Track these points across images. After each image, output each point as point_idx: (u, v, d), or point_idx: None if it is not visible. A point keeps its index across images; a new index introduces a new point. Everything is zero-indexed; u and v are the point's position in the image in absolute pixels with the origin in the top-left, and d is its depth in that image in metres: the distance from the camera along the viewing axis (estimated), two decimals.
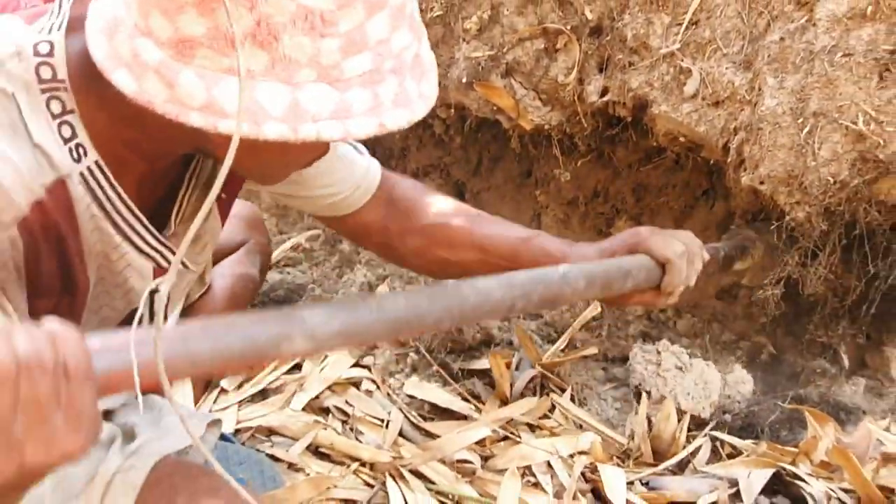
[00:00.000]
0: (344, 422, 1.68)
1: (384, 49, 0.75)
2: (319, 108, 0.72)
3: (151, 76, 0.72)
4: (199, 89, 0.71)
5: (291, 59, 0.71)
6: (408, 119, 0.78)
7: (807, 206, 1.40)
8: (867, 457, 1.31)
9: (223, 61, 0.71)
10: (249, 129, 0.71)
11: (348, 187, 1.22)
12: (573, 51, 1.81)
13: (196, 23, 0.70)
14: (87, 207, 0.84)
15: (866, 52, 1.35)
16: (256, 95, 0.71)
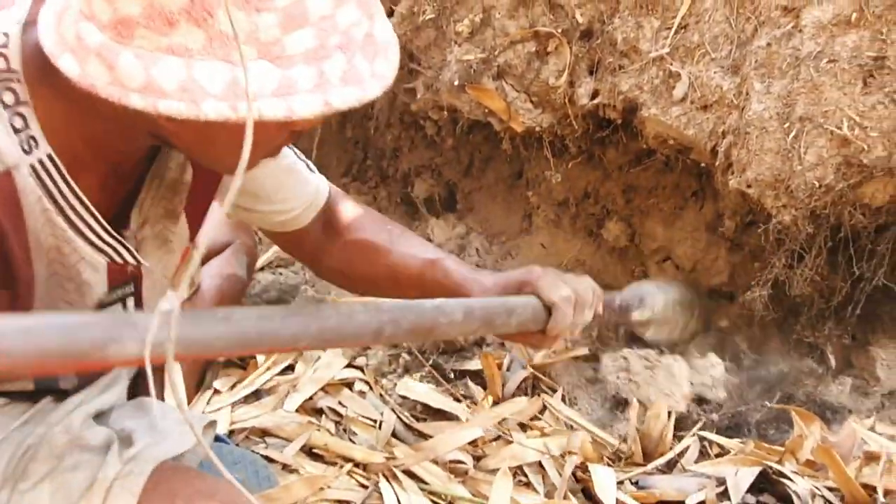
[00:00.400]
0: (337, 422, 1.70)
1: (328, 25, 0.74)
2: (260, 85, 0.71)
3: (93, 59, 0.72)
4: (138, 70, 0.71)
5: (228, 35, 0.70)
6: (357, 97, 0.76)
7: (793, 209, 1.43)
8: (851, 455, 1.33)
9: (161, 40, 0.70)
10: (188, 108, 0.70)
11: (301, 204, 1.22)
12: (564, 54, 1.83)
13: (132, 2, 0.70)
14: (37, 200, 0.83)
15: (851, 58, 1.37)
16: (194, 74, 0.70)
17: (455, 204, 2.40)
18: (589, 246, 2.13)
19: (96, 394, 1.13)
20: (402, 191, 2.48)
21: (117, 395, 1.19)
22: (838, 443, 1.35)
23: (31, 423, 1.02)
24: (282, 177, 1.18)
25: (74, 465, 0.98)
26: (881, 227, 1.47)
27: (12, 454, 0.98)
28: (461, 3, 1.89)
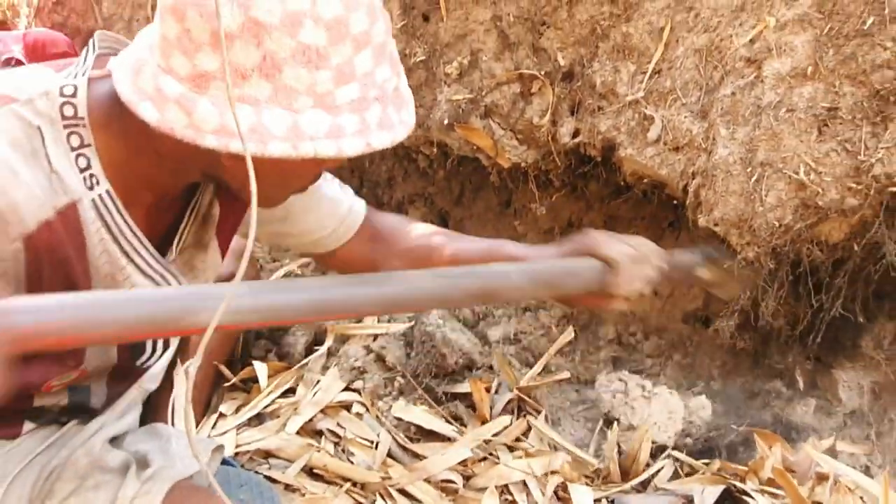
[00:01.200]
0: (336, 443, 1.81)
1: (369, 80, 0.88)
2: (316, 129, 0.85)
3: (172, 106, 0.85)
4: (214, 115, 0.83)
5: (291, 88, 0.83)
6: (391, 139, 0.90)
7: (756, 246, 1.54)
8: (808, 475, 1.45)
9: (235, 91, 0.83)
10: (256, 147, 0.83)
11: (333, 223, 1.32)
12: (547, 95, 1.95)
13: (210, 59, 0.83)
14: (97, 231, 0.95)
15: (807, 108, 1.49)
16: (262, 119, 0.83)
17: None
18: None
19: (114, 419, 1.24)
20: None
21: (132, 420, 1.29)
22: (797, 463, 1.46)
23: (55, 446, 1.13)
24: (308, 200, 1.26)
25: (96, 484, 1.09)
26: (837, 262, 1.58)
27: (38, 475, 1.08)
28: (450, 46, 2.01)
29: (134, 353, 1.14)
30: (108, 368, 1.13)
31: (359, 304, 0.94)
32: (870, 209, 1.47)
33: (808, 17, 1.49)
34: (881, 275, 1.55)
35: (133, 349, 1.14)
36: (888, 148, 1.42)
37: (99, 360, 1.08)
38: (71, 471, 1.09)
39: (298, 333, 2.14)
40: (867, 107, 1.43)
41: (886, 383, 1.71)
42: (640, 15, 1.79)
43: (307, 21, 0.82)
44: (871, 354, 1.70)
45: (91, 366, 1.06)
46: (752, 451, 1.62)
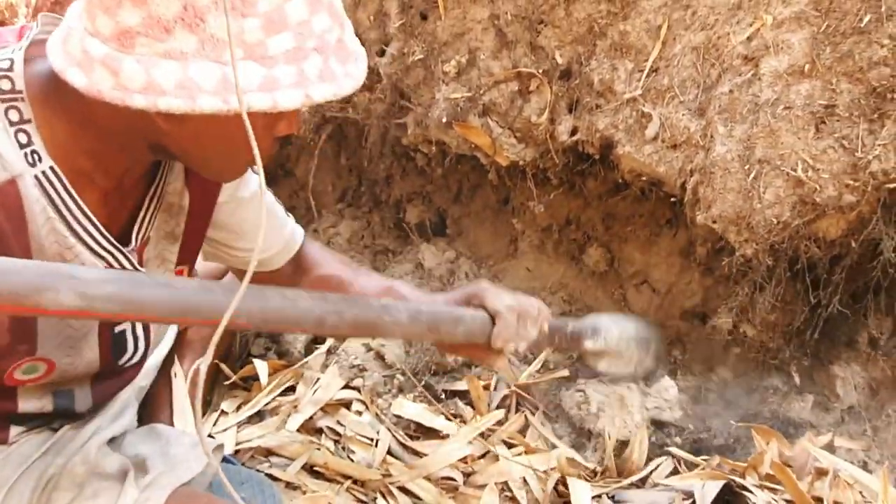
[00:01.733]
0: (336, 441, 1.81)
1: (305, 29, 0.84)
2: (248, 81, 0.81)
3: (98, 68, 0.82)
4: (140, 73, 0.80)
5: (218, 38, 0.79)
6: (333, 92, 0.86)
7: (754, 243, 1.55)
8: (806, 470, 1.46)
9: (159, 46, 0.80)
10: (185, 103, 0.79)
11: (276, 246, 1.32)
12: (545, 93, 1.96)
13: (132, 14, 0.79)
14: (42, 209, 0.92)
15: (804, 105, 1.50)
16: (189, 73, 0.79)
17: (445, 229, 2.52)
18: (571, 270, 2.25)
19: (109, 421, 1.22)
20: (395, 216, 2.59)
21: (129, 421, 1.28)
22: (794, 458, 1.47)
23: (51, 453, 1.12)
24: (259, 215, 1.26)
25: (94, 492, 1.07)
26: (835, 258, 1.59)
27: (35, 485, 1.07)
28: (448, 44, 2.01)
29: (115, 352, 1.12)
30: (89, 372, 1.11)
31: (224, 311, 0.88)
32: (867, 206, 1.48)
33: (804, 14, 1.50)
34: (878, 271, 1.57)
35: (114, 348, 1.12)
36: (885, 145, 1.43)
37: (66, 355, 1.05)
38: (68, 479, 1.09)
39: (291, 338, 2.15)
40: (864, 104, 1.44)
41: (883, 379, 1.72)
42: (637, 13, 1.79)
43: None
44: (867, 350, 1.71)
45: (50, 355, 1.03)
46: (749, 447, 1.63)
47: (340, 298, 1.00)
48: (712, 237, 1.84)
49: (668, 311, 2.09)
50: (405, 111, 2.14)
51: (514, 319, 1.15)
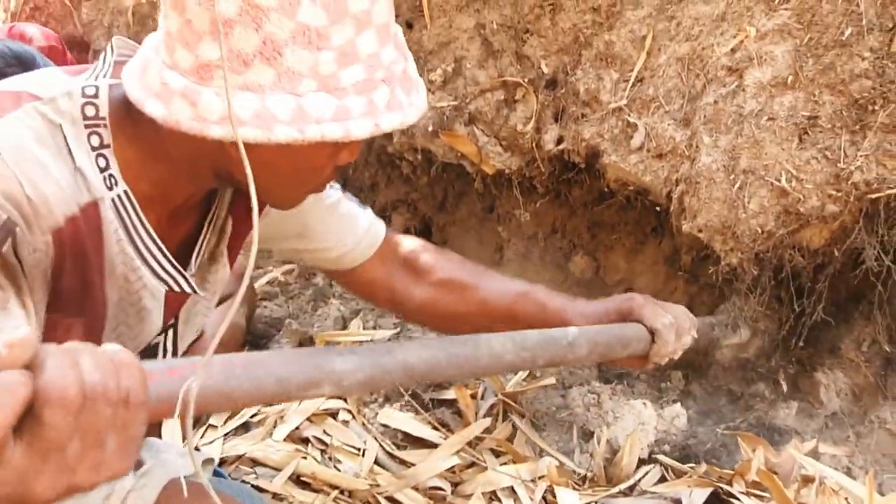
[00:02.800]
0: (323, 451, 1.81)
1: (374, 61, 0.87)
2: (321, 112, 0.84)
3: (177, 100, 0.85)
4: (218, 105, 0.83)
5: (294, 71, 0.83)
6: (401, 121, 0.89)
7: (739, 252, 1.57)
8: (792, 476, 1.47)
9: (237, 79, 0.83)
10: (262, 133, 0.82)
11: (352, 241, 1.31)
12: (531, 102, 1.97)
13: (211, 48, 0.82)
14: (115, 231, 0.95)
15: (788, 116, 1.51)
16: (267, 104, 0.82)
17: (430, 237, 2.52)
18: (557, 278, 2.26)
19: None
20: None
21: None
22: (780, 465, 1.49)
23: None
24: (325, 215, 1.27)
25: None
26: (818, 267, 1.61)
27: None
28: (434, 53, 2.02)
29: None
30: None
31: (447, 368, 0.94)
32: (849, 215, 1.50)
33: (787, 27, 1.52)
34: (860, 279, 1.59)
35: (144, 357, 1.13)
36: (867, 156, 1.45)
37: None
38: None
39: (283, 341, 2.14)
40: (846, 115, 1.46)
41: (866, 385, 1.74)
42: (622, 23, 1.81)
43: (304, 0, 0.81)
44: (850, 357, 1.73)
45: None
46: (734, 455, 1.64)
47: (537, 343, 1.03)
48: (697, 245, 1.86)
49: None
50: None
51: (673, 337, 1.21)
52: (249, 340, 2.16)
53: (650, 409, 1.65)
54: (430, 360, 0.92)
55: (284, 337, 2.14)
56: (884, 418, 1.66)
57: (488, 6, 1.96)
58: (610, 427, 1.63)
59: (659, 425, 1.65)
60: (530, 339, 1.04)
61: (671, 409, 1.70)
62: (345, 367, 0.83)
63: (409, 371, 0.89)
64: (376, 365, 0.86)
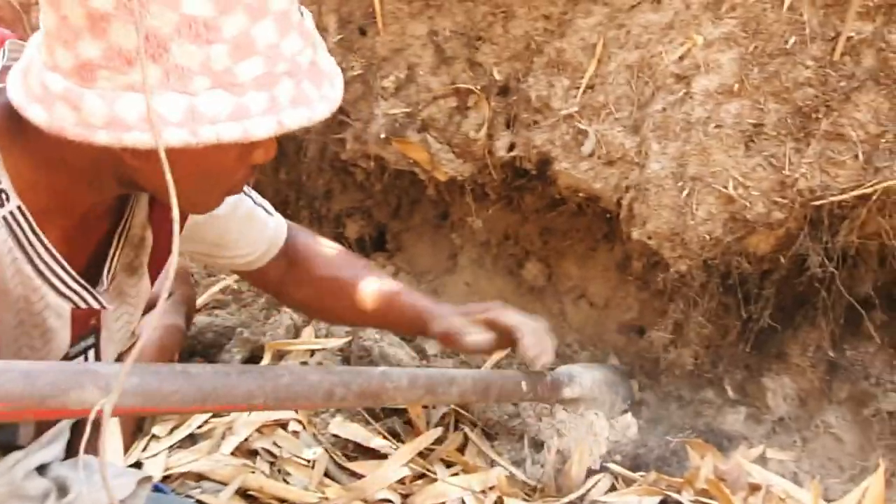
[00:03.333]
0: (272, 463, 1.77)
1: (275, 53, 0.81)
2: (217, 111, 0.78)
3: (59, 104, 0.78)
4: (102, 108, 0.77)
5: (183, 67, 0.76)
6: (308, 117, 0.83)
7: (688, 259, 1.57)
8: (739, 484, 1.48)
9: (121, 79, 0.76)
10: (150, 137, 0.75)
11: (261, 247, 1.33)
12: (483, 109, 1.96)
13: (91, 46, 0.76)
14: (8, 251, 0.89)
15: (734, 124, 1.53)
16: (155, 106, 0.76)
17: (385, 244, 2.50)
18: (510, 284, 2.25)
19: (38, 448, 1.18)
20: (335, 231, 2.56)
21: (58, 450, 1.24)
22: (728, 472, 1.49)
23: None
24: (242, 225, 1.28)
25: None
26: (765, 273, 1.62)
27: None
28: (387, 60, 2.00)
29: None
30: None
31: (246, 394, 0.92)
32: (794, 222, 1.51)
33: (733, 35, 1.53)
34: (805, 285, 1.60)
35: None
36: (810, 163, 1.46)
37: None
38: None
39: (234, 350, 2.10)
40: (791, 123, 1.48)
41: (811, 390, 1.76)
42: (573, 31, 1.81)
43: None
44: (797, 362, 1.75)
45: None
46: (685, 462, 1.64)
47: (347, 370, 1.08)
48: (648, 252, 1.87)
49: (606, 324, 2.10)
50: (344, 126, 2.12)
51: (530, 334, 1.31)
52: (199, 350, 2.12)
53: (602, 420, 1.65)
54: (221, 377, 0.90)
55: (235, 346, 2.10)
56: (829, 422, 1.68)
57: (441, 13, 1.95)
58: (562, 437, 1.62)
59: (611, 436, 1.65)
60: (337, 368, 1.08)
61: (623, 419, 1.70)
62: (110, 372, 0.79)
63: (193, 385, 0.87)
64: (153, 378, 0.83)
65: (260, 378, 0.93)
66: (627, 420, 1.68)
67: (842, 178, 1.46)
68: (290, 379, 0.96)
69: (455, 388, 1.22)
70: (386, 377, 1.09)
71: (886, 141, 1.42)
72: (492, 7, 1.87)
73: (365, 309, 1.39)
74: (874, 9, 1.41)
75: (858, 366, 1.61)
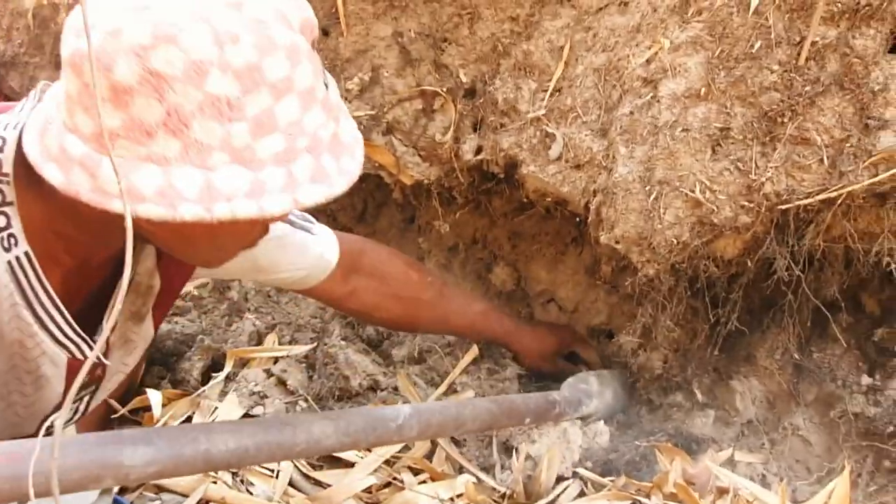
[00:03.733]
0: (234, 474, 1.73)
1: (296, 129, 0.81)
2: (233, 187, 0.78)
3: (77, 168, 0.78)
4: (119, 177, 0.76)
5: (203, 143, 0.76)
6: (325, 194, 0.84)
7: (656, 263, 1.57)
8: (709, 487, 1.47)
9: (140, 150, 0.76)
10: (166, 211, 0.76)
11: (307, 266, 1.36)
12: (449, 111, 1.94)
13: (112, 116, 0.75)
14: (9, 295, 0.88)
15: (701, 128, 1.52)
16: (172, 180, 0.76)
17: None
18: (479, 289, 2.23)
19: None
20: None
21: None
22: (696, 475, 1.49)
23: None
24: (272, 250, 1.28)
25: None
26: (732, 277, 1.62)
27: None
28: (351, 61, 1.97)
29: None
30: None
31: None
32: (761, 226, 1.51)
33: (699, 39, 1.53)
34: (772, 289, 1.60)
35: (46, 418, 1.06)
36: (776, 167, 1.46)
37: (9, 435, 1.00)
38: None
39: (195, 358, 2.04)
40: (757, 127, 1.48)
41: (779, 392, 1.77)
42: (540, 33, 1.80)
43: (213, 70, 0.75)
44: (764, 364, 1.75)
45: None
46: (654, 466, 1.63)
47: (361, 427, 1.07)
48: (616, 256, 1.86)
49: (575, 328, 2.09)
50: None
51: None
52: (159, 360, 2.06)
53: (575, 428, 1.64)
54: (237, 449, 0.88)
55: (196, 354, 2.05)
56: (797, 425, 1.68)
57: (406, 14, 1.92)
58: (534, 444, 1.61)
59: (583, 443, 1.63)
60: (353, 425, 1.05)
61: (594, 426, 1.69)
62: (134, 461, 0.77)
63: (210, 463, 0.85)
64: (174, 457, 0.81)
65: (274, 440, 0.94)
66: (599, 427, 1.67)
67: (807, 183, 1.46)
68: (306, 446, 0.98)
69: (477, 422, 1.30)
70: (399, 430, 1.09)
71: (850, 145, 1.42)
72: (458, 8, 1.85)
73: (455, 328, 1.56)
74: (838, 14, 1.41)
75: (825, 368, 1.62)
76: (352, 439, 1.00)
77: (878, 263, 1.49)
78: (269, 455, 0.92)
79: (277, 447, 0.92)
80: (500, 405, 1.39)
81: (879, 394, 1.55)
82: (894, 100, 1.39)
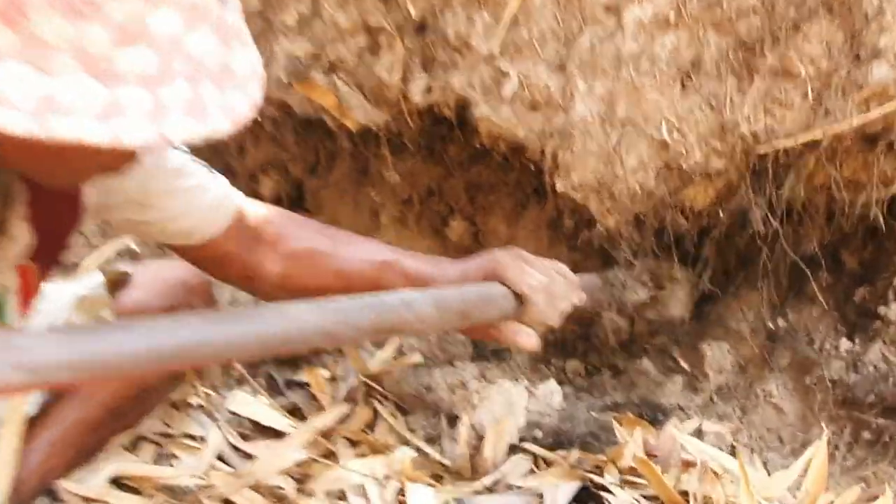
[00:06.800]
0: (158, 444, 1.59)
1: (175, 47, 0.66)
2: (78, 101, 0.62)
3: None
4: None
5: (45, 41, 0.61)
6: (200, 131, 0.67)
7: (616, 214, 1.41)
8: (672, 460, 1.34)
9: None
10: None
11: (200, 212, 1.11)
12: (397, 49, 1.76)
13: None
14: None
15: (669, 59, 1.36)
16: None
17: (304, 202, 2.30)
18: (436, 244, 2.08)
19: None
20: (250, 189, 2.35)
21: None
22: (659, 447, 1.35)
23: None
24: (170, 180, 1.07)
25: None
26: (703, 231, 1.47)
27: None
28: None
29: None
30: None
31: (224, 347, 0.73)
32: (735, 172, 1.37)
33: None
34: (747, 244, 1.46)
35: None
36: (754, 104, 1.31)
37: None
38: None
39: None
40: (732, 58, 1.32)
41: (752, 357, 1.63)
42: None
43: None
44: (736, 328, 1.61)
45: None
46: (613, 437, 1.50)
47: (352, 305, 0.83)
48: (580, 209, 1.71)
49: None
50: None
51: (542, 300, 1.05)
52: None
53: (520, 388, 1.48)
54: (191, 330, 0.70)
55: None
56: (769, 391, 1.55)
57: None
58: (476, 410, 1.46)
59: (531, 405, 1.48)
60: (341, 303, 0.83)
61: (545, 386, 1.53)
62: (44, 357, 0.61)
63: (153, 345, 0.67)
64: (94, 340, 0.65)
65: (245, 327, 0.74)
66: (550, 387, 1.51)
67: (788, 122, 1.31)
68: (282, 326, 0.77)
69: (494, 311, 0.99)
70: (405, 305, 0.86)
71: (839, 78, 1.27)
72: None
73: (353, 284, 1.15)
74: None
75: (801, 331, 1.48)
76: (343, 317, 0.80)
77: (864, 217, 1.34)
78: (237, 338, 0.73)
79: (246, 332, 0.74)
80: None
81: (859, 359, 1.40)
82: (890, 25, 1.22)
